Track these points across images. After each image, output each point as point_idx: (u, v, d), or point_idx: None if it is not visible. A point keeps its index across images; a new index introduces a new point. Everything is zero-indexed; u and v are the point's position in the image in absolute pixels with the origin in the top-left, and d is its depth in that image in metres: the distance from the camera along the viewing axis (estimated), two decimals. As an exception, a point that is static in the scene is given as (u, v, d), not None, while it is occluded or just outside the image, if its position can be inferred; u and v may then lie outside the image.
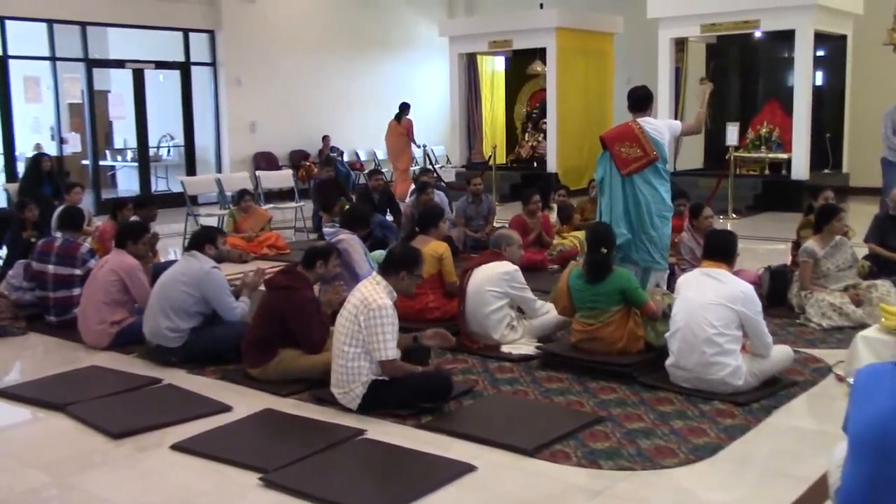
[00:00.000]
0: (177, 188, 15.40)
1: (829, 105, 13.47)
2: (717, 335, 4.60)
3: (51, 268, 6.41)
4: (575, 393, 4.83)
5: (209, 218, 10.69)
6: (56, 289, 6.41)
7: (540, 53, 15.78)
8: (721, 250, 4.86)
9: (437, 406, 4.54)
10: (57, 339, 6.27)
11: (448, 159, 17.32)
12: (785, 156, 13.49)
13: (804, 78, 12.65)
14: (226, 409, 4.65)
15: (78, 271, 6.41)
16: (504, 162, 16.01)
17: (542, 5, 16.01)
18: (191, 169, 15.08)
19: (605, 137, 6.19)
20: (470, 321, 5.67)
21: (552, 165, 15.14)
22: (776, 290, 6.65)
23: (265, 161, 15.66)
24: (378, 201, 10.79)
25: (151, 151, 15.31)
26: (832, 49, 13.21)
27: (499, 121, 17.42)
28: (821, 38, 12.72)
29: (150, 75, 14.76)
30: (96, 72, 14.16)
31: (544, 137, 16.00)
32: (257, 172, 12.22)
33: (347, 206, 7.95)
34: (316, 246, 5.29)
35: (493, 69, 17.53)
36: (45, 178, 10.47)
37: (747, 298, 4.65)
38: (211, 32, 15.01)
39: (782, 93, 14.04)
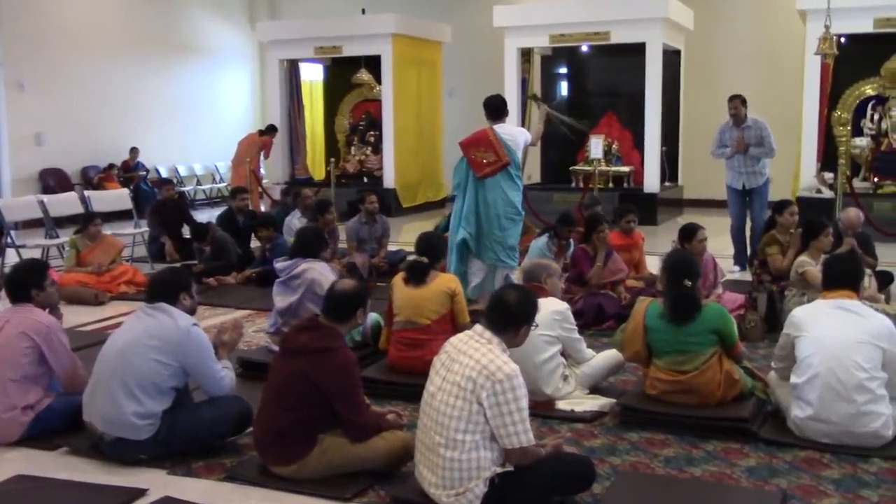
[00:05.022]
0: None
1: (664, 119, 13.53)
2: (869, 380, 3.90)
3: None
4: (703, 460, 3.91)
5: (35, 250, 8.56)
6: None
7: (365, 61, 14.75)
8: (850, 276, 4.18)
9: (569, 498, 3.47)
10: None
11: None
12: (626, 169, 13.42)
13: (655, 91, 12.59)
14: (285, 531, 3.29)
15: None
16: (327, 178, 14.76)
17: (364, 10, 14.97)
18: (-37, 190, 12.54)
19: (462, 143, 6.58)
20: (514, 374, 4.59)
21: (389, 181, 14.11)
22: (774, 313, 6.15)
23: (55, 179, 13.38)
24: (243, 224, 9.29)
25: None
26: (668, 64, 13.28)
27: (318, 133, 16.12)
28: (659, 53, 12.71)
29: None
30: None
31: (373, 151, 14.97)
32: (86, 192, 10.11)
33: (300, 230, 6.41)
34: (346, 287, 3.92)
35: (309, 79, 16.19)
36: None
37: (893, 334, 3.99)
38: (-14, 26, 12.58)
39: (618, 106, 13.98)
